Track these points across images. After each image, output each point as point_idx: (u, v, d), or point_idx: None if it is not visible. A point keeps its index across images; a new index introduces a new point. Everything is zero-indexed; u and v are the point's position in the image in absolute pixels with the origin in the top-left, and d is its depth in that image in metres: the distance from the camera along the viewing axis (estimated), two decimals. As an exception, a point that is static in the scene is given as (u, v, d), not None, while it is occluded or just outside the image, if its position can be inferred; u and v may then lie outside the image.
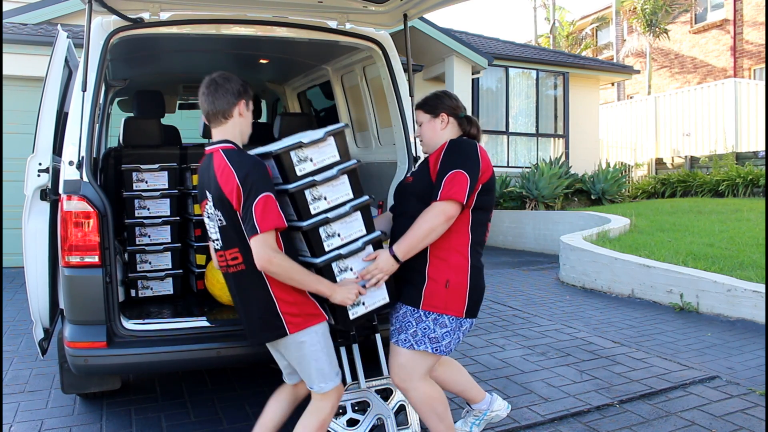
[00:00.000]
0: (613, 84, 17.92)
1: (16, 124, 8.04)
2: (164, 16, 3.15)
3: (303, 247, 2.48)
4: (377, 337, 2.91)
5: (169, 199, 3.89)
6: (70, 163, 2.85)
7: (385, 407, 2.73)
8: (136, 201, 3.84)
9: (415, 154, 3.53)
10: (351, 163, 2.54)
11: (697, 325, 5.12)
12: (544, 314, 5.64)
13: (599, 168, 12.66)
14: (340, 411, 2.68)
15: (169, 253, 3.88)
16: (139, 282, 3.83)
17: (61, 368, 3.20)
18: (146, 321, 3.09)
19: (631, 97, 21.32)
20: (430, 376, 2.63)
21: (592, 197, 12.02)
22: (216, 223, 2.37)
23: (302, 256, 2.47)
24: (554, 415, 3.33)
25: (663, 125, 16.49)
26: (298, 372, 2.46)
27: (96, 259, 2.80)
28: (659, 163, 15.72)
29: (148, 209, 3.86)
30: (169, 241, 3.89)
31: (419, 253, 2.47)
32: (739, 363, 4.13)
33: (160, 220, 3.86)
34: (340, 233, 2.46)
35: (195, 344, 2.98)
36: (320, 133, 2.48)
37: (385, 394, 2.84)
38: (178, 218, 3.94)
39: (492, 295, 6.41)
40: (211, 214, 2.39)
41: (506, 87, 13.11)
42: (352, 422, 2.68)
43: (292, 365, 2.47)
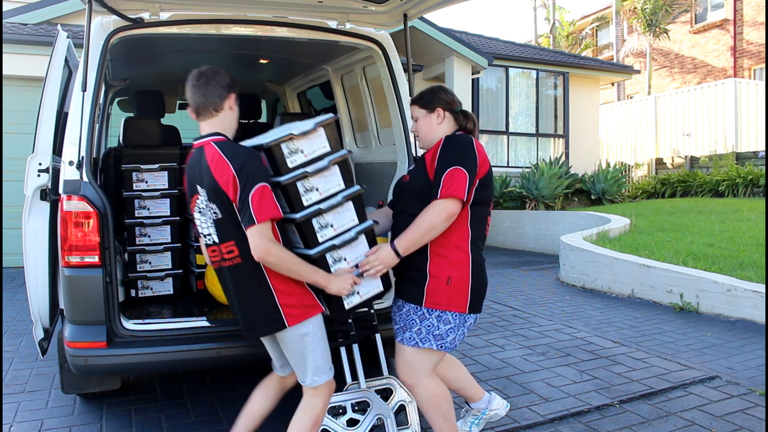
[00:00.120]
0: (613, 84, 17.93)
1: (16, 124, 8.04)
2: (164, 16, 3.15)
3: (296, 239, 2.48)
4: (377, 337, 2.91)
5: (169, 199, 3.89)
6: (70, 163, 2.85)
7: (385, 407, 2.73)
8: (136, 201, 3.84)
9: (415, 154, 3.53)
10: (342, 153, 2.52)
11: (697, 325, 5.12)
12: (544, 314, 5.64)
13: (599, 168, 12.66)
14: (340, 411, 2.68)
15: (169, 253, 3.89)
16: (139, 282, 3.84)
17: (61, 368, 3.20)
18: (146, 321, 3.09)
19: (631, 97, 21.31)
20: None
21: (592, 197, 12.01)
22: (210, 217, 2.35)
23: (296, 248, 2.46)
24: (554, 415, 3.33)
25: (663, 125, 16.49)
26: (292, 365, 2.45)
27: (96, 259, 2.80)
28: (659, 163, 15.73)
29: (148, 209, 3.87)
30: (169, 241, 3.90)
31: (420, 251, 2.47)
32: (739, 363, 4.13)
33: (160, 220, 3.87)
34: (333, 224, 2.46)
35: (195, 344, 2.98)
36: (310, 124, 2.47)
37: (385, 394, 2.84)
38: (178, 218, 3.94)
39: (492, 295, 6.40)
40: (203, 209, 2.37)
41: (506, 87, 13.10)
42: (352, 422, 2.67)
43: (287, 358, 2.46)
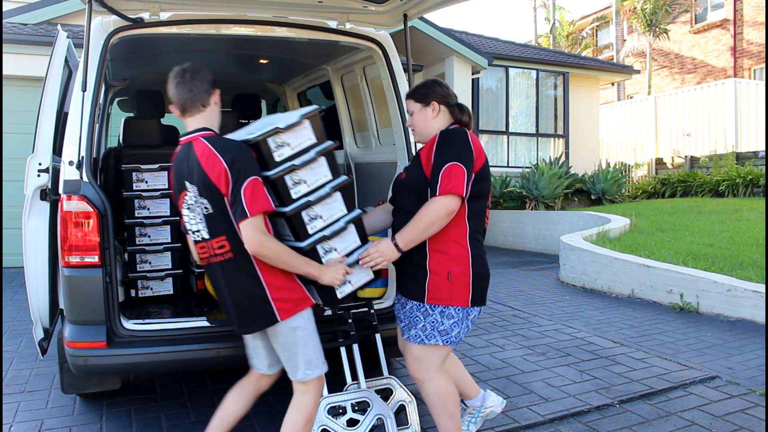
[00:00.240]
0: (613, 84, 17.93)
1: (16, 124, 8.04)
2: (164, 16, 3.15)
3: (286, 232, 2.48)
4: (377, 337, 2.91)
5: (169, 199, 3.89)
6: (70, 163, 2.85)
7: (385, 407, 2.73)
8: (136, 201, 3.84)
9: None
10: (328, 144, 2.53)
11: (697, 325, 5.12)
12: (544, 314, 5.64)
13: (599, 168, 12.66)
14: (340, 411, 2.68)
15: (169, 253, 3.89)
16: (139, 282, 3.84)
17: (61, 368, 3.20)
18: (146, 321, 3.09)
19: (631, 97, 21.30)
20: None
21: (592, 197, 12.01)
22: (200, 213, 2.34)
23: (287, 241, 2.46)
24: (554, 415, 3.33)
25: (663, 125, 16.49)
26: (283, 361, 2.42)
27: (96, 259, 2.80)
28: (659, 163, 15.72)
29: (148, 209, 3.87)
30: (169, 241, 3.90)
31: (419, 247, 2.47)
32: (739, 363, 4.13)
33: (160, 220, 3.87)
34: (323, 215, 2.47)
35: (195, 344, 2.98)
36: (296, 117, 2.47)
37: (385, 394, 2.84)
38: (178, 218, 3.93)
39: (492, 295, 6.40)
40: (192, 205, 2.36)
41: (506, 87, 13.11)
42: (352, 422, 2.67)
43: (278, 353, 2.43)
